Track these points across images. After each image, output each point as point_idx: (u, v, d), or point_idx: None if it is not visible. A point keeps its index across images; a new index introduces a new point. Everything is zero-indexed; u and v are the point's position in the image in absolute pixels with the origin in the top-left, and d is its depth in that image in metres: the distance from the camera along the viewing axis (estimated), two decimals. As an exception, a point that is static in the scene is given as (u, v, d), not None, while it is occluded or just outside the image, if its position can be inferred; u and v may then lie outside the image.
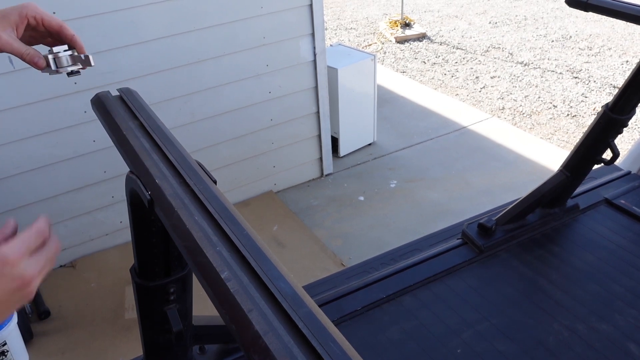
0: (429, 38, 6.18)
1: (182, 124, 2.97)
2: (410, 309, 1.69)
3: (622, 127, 1.79)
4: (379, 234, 3.10)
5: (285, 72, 3.19)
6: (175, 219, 0.71)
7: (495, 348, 1.55)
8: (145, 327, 1.15)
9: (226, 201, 0.72)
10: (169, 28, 2.72)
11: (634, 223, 2.01)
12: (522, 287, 1.76)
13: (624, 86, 1.71)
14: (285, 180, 3.53)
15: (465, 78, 5.17)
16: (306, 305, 0.56)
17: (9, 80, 2.43)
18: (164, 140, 0.84)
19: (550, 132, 4.19)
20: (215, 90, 3.00)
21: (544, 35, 6.05)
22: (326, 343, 0.52)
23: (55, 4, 2.39)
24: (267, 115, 3.24)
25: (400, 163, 3.77)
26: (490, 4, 7.17)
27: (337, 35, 6.49)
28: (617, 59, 5.33)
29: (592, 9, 1.65)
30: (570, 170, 1.90)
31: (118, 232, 3.03)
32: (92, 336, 2.52)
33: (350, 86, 3.63)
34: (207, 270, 0.63)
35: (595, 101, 4.59)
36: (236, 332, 0.56)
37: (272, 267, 0.62)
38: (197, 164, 0.81)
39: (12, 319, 2.16)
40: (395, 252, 1.97)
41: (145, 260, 1.04)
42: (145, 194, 0.77)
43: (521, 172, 3.60)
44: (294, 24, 3.09)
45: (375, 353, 1.56)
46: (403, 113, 4.45)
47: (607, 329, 1.60)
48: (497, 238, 1.92)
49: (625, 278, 1.77)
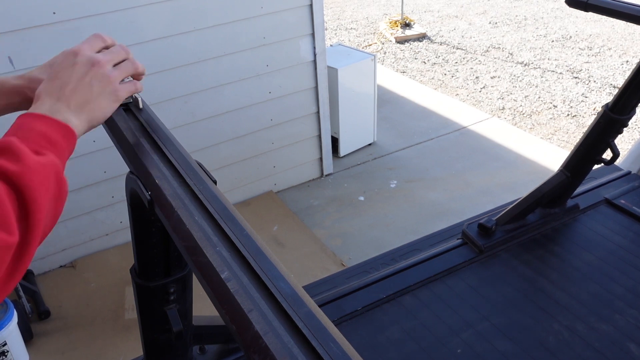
0: (429, 38, 6.18)
1: (182, 124, 2.97)
2: (410, 309, 1.69)
3: (622, 127, 1.79)
4: (379, 234, 3.10)
5: (285, 72, 3.19)
6: (175, 219, 0.71)
7: (495, 348, 1.55)
8: (145, 327, 1.15)
9: (226, 201, 0.72)
10: (169, 28, 2.72)
11: (634, 223, 2.01)
12: (522, 287, 1.76)
13: (624, 86, 1.71)
14: (285, 180, 3.53)
15: (466, 78, 5.17)
16: (306, 305, 0.56)
17: (9, 80, 2.43)
18: (164, 140, 0.84)
19: (550, 132, 4.19)
20: (215, 90, 3.00)
21: (544, 35, 6.05)
22: (326, 343, 0.52)
23: (56, 4, 2.39)
24: (267, 115, 3.24)
25: (400, 163, 3.77)
26: (490, 4, 7.17)
27: (337, 35, 6.49)
28: (617, 59, 5.33)
29: (592, 9, 1.65)
30: (570, 170, 1.90)
31: (118, 232, 3.03)
32: (92, 336, 2.52)
33: (350, 86, 3.63)
34: (207, 270, 0.63)
35: (596, 101, 4.59)
36: (236, 332, 0.56)
37: (272, 267, 0.62)
38: (197, 164, 0.80)
39: (12, 319, 2.16)
40: (395, 252, 1.97)
41: (145, 260, 1.04)
42: (145, 194, 0.77)
43: (521, 172, 3.60)
44: (294, 24, 3.09)
45: (375, 353, 1.56)
46: (403, 113, 4.45)
47: (607, 329, 1.60)
48: (497, 238, 1.92)
49: (625, 278, 1.77)
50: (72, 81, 0.72)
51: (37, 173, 0.58)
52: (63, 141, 0.66)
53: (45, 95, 0.71)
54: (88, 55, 0.75)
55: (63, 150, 0.66)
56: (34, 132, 0.64)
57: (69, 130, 0.68)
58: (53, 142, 0.65)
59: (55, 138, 0.65)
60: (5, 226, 0.53)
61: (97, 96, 0.73)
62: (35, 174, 0.58)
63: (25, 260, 0.56)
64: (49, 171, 0.61)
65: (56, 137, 0.65)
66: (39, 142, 0.63)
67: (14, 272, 0.55)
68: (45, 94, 0.71)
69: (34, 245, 0.57)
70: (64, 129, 0.67)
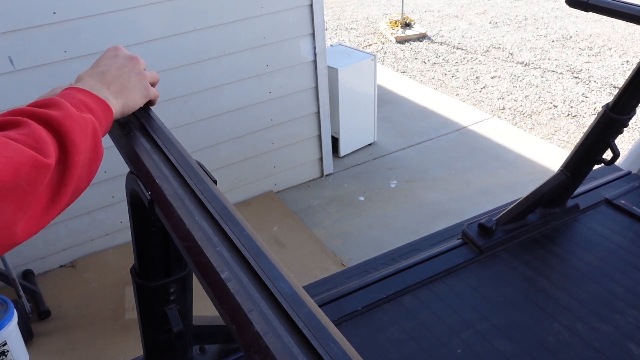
0: (429, 38, 6.18)
1: (182, 124, 2.97)
2: (410, 309, 1.69)
3: (622, 127, 1.79)
4: (379, 234, 3.10)
5: (285, 72, 3.19)
6: (175, 219, 0.71)
7: (495, 348, 1.55)
8: (146, 327, 1.15)
9: (226, 201, 0.72)
10: (169, 28, 2.72)
11: (634, 223, 2.01)
12: (522, 287, 1.76)
13: (624, 86, 1.71)
14: (285, 180, 3.53)
15: (466, 78, 5.17)
16: (306, 305, 0.56)
17: (9, 80, 2.43)
18: (164, 140, 0.84)
19: (550, 132, 4.19)
20: (215, 90, 3.00)
21: (544, 35, 6.05)
22: (326, 343, 0.52)
23: (56, 4, 2.39)
24: (267, 115, 3.24)
25: (401, 163, 3.77)
26: (491, 4, 7.17)
27: (337, 35, 6.49)
28: (618, 59, 5.33)
29: (592, 9, 1.65)
30: (570, 170, 1.90)
31: (118, 232, 3.03)
32: (92, 336, 2.52)
33: (351, 86, 3.63)
34: (207, 270, 0.63)
35: (596, 101, 4.59)
36: (236, 332, 0.56)
37: (272, 267, 0.62)
38: (197, 164, 0.80)
39: (12, 319, 2.16)
40: (396, 252, 1.97)
41: (146, 260, 1.04)
42: (146, 194, 0.77)
43: (521, 172, 3.60)
44: (294, 24, 3.09)
45: (375, 353, 1.56)
46: (403, 113, 4.45)
47: (607, 329, 1.60)
48: (497, 238, 1.92)
49: (625, 278, 1.77)
50: (113, 69, 0.81)
51: (77, 122, 0.64)
52: (101, 113, 0.72)
53: (87, 77, 0.79)
54: (127, 52, 0.86)
55: (101, 120, 0.71)
56: (75, 99, 0.70)
57: (107, 106, 0.74)
58: (92, 110, 0.70)
59: (94, 108, 0.71)
60: (43, 151, 0.57)
61: (133, 87, 0.82)
62: (75, 122, 0.63)
63: (63, 194, 0.60)
64: (88, 124, 0.66)
65: (95, 107, 0.71)
66: (79, 106, 0.68)
67: (55, 198, 0.59)
68: (87, 76, 0.79)
69: (72, 182, 0.61)
70: (102, 103, 0.74)
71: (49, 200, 0.59)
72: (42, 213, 0.59)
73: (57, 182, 0.60)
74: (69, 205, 0.64)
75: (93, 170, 0.67)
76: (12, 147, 0.54)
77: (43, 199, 0.58)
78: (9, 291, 2.56)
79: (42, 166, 0.56)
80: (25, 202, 0.56)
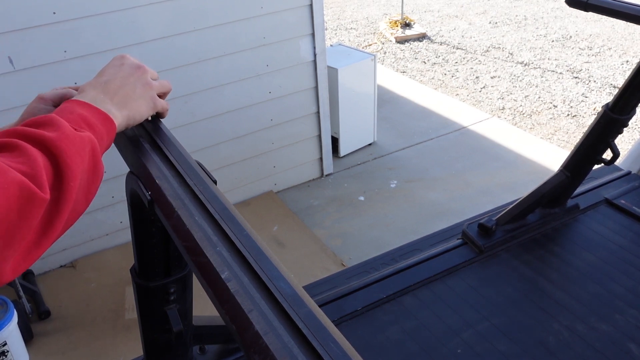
0: (429, 38, 6.18)
1: (182, 124, 2.97)
2: (410, 309, 1.69)
3: (622, 127, 1.79)
4: (379, 234, 3.10)
5: (285, 72, 3.19)
6: (175, 219, 0.71)
7: (495, 348, 1.55)
8: (146, 327, 1.14)
9: (226, 201, 0.72)
10: (169, 28, 2.72)
11: (634, 223, 2.01)
12: (522, 287, 1.76)
13: (624, 86, 1.71)
14: (285, 180, 3.53)
15: (466, 78, 5.17)
16: (306, 305, 0.56)
17: (9, 80, 2.43)
18: (164, 140, 0.84)
19: (550, 132, 4.19)
20: (215, 90, 3.00)
21: (544, 35, 6.05)
22: (326, 343, 0.52)
23: (56, 4, 2.39)
24: (267, 115, 3.24)
25: (400, 163, 3.77)
26: (490, 4, 7.17)
27: (337, 35, 6.49)
28: (617, 59, 5.33)
29: (592, 9, 1.65)
30: (570, 170, 1.90)
31: (118, 232, 3.03)
32: (92, 336, 2.52)
33: (351, 86, 3.63)
34: (207, 270, 0.63)
35: (596, 101, 4.59)
36: (236, 332, 0.56)
37: (272, 267, 0.62)
38: (197, 164, 0.81)
39: (12, 319, 2.16)
40: (396, 252, 1.97)
41: (145, 260, 1.04)
42: (146, 194, 0.77)
43: (521, 172, 3.60)
44: (294, 24, 3.09)
45: (375, 353, 1.56)
46: (403, 113, 4.45)
47: (607, 329, 1.60)
48: (497, 238, 1.91)
49: (625, 278, 1.77)
50: (117, 79, 0.77)
51: (73, 142, 0.60)
52: (102, 128, 0.68)
53: (89, 88, 0.75)
54: (134, 60, 0.82)
55: (101, 135, 0.68)
56: (74, 114, 0.66)
57: (109, 119, 0.70)
58: (92, 125, 0.67)
59: (94, 123, 0.67)
60: (38, 180, 0.54)
61: (138, 97, 0.78)
62: (72, 142, 0.60)
63: (56, 225, 0.57)
64: (85, 144, 0.62)
65: (95, 122, 0.68)
66: (78, 122, 0.65)
67: (47, 230, 0.56)
68: (89, 87, 0.75)
69: (65, 211, 0.57)
70: (104, 117, 0.70)
71: (39, 233, 0.55)
72: (31, 248, 0.54)
73: (50, 212, 0.56)
74: (63, 234, 0.60)
75: (92, 191, 0.64)
76: (5, 177, 0.50)
77: (34, 232, 0.54)
78: (9, 291, 2.56)
79: (37, 200, 0.53)
80: (16, 237, 0.52)
